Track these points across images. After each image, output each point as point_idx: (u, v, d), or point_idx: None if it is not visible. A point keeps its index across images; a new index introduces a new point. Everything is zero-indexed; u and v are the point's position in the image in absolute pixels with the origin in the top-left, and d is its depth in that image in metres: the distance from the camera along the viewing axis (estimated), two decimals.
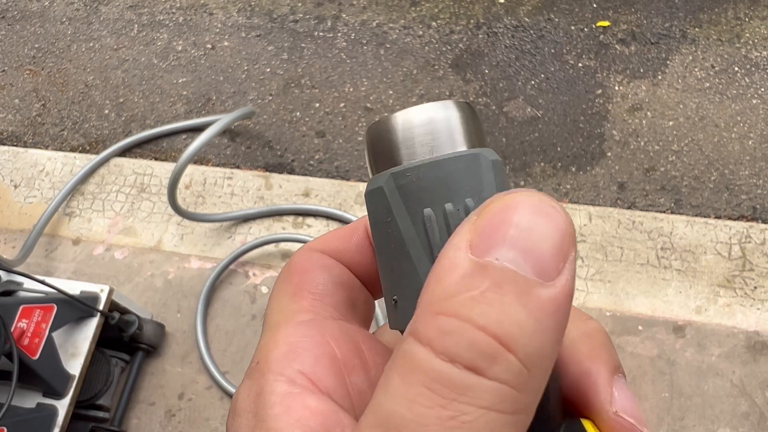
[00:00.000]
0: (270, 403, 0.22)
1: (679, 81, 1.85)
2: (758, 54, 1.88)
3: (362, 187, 1.67)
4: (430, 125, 0.23)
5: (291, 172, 1.78)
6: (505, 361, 0.18)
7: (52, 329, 1.17)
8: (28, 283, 1.26)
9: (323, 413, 0.22)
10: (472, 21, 2.04)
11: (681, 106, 1.80)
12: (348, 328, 0.26)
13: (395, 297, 0.24)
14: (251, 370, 0.24)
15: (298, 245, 1.57)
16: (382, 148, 0.24)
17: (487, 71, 1.93)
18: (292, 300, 0.26)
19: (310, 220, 1.62)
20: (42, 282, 1.21)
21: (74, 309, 1.23)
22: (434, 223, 0.23)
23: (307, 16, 2.10)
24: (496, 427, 0.18)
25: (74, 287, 1.27)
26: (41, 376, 1.15)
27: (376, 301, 0.30)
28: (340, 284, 0.28)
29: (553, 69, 1.91)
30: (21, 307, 1.16)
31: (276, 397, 0.22)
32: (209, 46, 2.07)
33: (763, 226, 1.54)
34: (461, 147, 0.23)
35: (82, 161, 1.78)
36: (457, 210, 0.23)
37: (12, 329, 1.12)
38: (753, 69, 1.85)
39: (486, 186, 0.23)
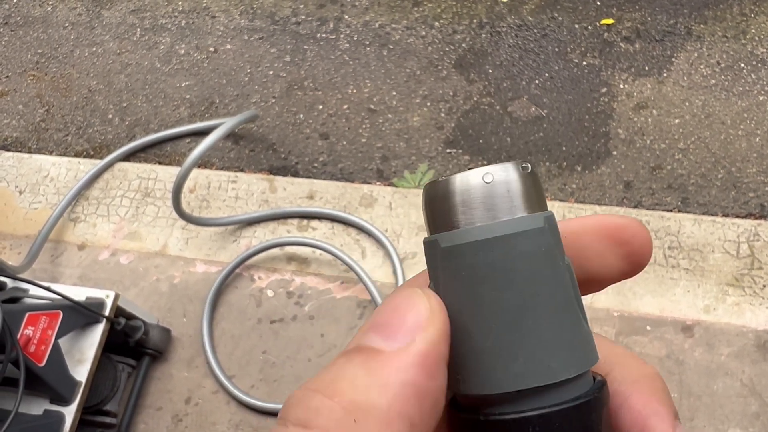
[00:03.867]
0: None
1: (685, 78, 1.83)
2: (764, 50, 1.86)
3: (366, 188, 1.66)
4: (491, 188, 0.23)
5: (295, 174, 1.78)
6: (327, 410, 0.20)
7: (58, 336, 1.17)
8: (33, 290, 1.26)
9: None
10: (475, 20, 2.03)
11: (687, 104, 1.79)
12: None
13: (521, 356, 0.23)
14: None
15: (303, 248, 1.57)
16: (440, 208, 0.24)
17: (490, 71, 1.92)
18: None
19: (314, 223, 1.62)
20: (47, 289, 1.21)
21: (80, 315, 1.23)
22: (573, 273, 0.24)
23: (310, 18, 2.10)
24: None
25: (80, 293, 1.27)
26: (48, 382, 1.15)
27: None
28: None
29: (557, 68, 1.90)
30: (27, 314, 1.16)
31: None
32: (212, 49, 2.07)
33: None
34: (520, 212, 0.23)
35: (87, 166, 1.78)
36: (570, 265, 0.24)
37: (18, 336, 1.12)
38: (759, 65, 1.83)
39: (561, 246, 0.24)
